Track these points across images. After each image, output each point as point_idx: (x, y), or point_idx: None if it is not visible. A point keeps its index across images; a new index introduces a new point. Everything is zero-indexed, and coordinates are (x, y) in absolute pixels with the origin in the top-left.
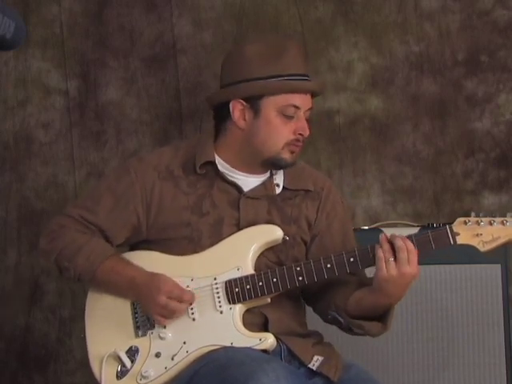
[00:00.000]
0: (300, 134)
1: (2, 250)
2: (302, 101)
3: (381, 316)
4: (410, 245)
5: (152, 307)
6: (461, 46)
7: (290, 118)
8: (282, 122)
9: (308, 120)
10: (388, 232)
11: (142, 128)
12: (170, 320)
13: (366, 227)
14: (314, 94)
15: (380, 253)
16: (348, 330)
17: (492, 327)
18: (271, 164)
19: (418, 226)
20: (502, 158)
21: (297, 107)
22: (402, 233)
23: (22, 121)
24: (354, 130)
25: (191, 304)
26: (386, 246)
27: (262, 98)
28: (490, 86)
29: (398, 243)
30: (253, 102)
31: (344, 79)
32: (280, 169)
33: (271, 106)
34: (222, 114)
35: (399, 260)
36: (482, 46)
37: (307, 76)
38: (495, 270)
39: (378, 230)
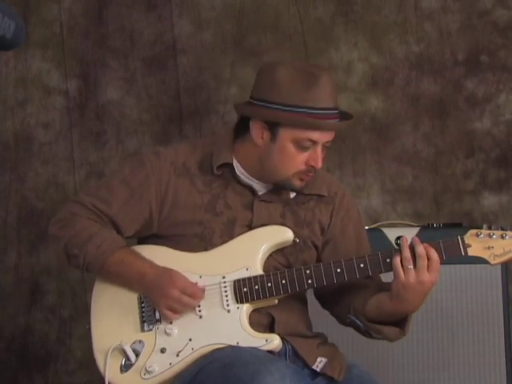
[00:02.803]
0: (312, 166)
1: (2, 250)
2: (321, 136)
3: (399, 321)
4: (433, 252)
5: (162, 300)
6: (461, 46)
7: (305, 148)
8: (297, 152)
9: (325, 149)
10: (388, 232)
11: (142, 128)
12: (177, 315)
13: (366, 227)
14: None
15: (397, 260)
16: (366, 333)
17: (492, 327)
18: (281, 186)
19: (417, 226)
20: (502, 158)
21: (314, 141)
22: (402, 233)
23: (22, 121)
24: (354, 130)
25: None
26: (406, 253)
27: (281, 126)
28: (490, 85)
29: (419, 250)
30: (272, 126)
31: (344, 79)
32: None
33: (288, 135)
34: (244, 124)
35: (419, 267)
36: (482, 46)
37: (335, 109)
38: (495, 270)
39: (378, 230)
